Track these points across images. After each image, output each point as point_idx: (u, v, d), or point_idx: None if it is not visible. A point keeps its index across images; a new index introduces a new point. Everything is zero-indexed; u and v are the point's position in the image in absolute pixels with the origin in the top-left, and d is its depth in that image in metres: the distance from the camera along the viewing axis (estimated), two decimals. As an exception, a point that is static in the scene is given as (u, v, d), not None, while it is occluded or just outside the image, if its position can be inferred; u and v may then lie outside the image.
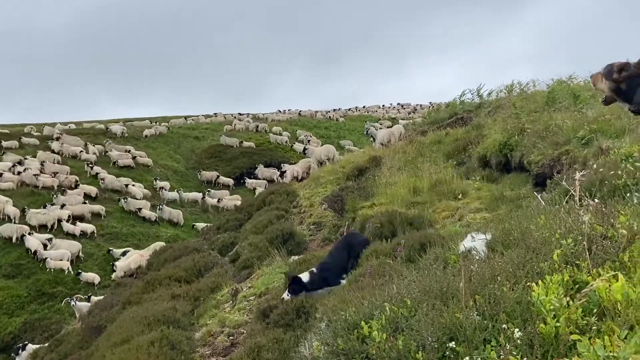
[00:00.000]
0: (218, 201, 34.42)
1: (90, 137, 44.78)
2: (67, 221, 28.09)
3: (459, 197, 9.58)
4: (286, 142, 47.59)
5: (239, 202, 28.65)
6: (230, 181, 39.71)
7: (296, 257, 9.81)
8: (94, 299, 18.61)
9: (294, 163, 27.86)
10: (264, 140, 48.45)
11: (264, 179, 37.59)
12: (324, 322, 3.32)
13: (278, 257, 10.27)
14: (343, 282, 6.98)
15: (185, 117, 57.92)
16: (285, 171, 22.87)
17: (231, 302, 9.61)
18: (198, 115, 59.97)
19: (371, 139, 18.21)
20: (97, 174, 35.51)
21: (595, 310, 2.02)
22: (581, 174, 3.30)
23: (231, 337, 8.05)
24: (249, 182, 37.84)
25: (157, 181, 36.77)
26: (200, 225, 30.26)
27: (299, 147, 45.05)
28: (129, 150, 41.13)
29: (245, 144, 46.03)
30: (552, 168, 7.93)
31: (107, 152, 40.87)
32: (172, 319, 9.01)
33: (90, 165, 37.16)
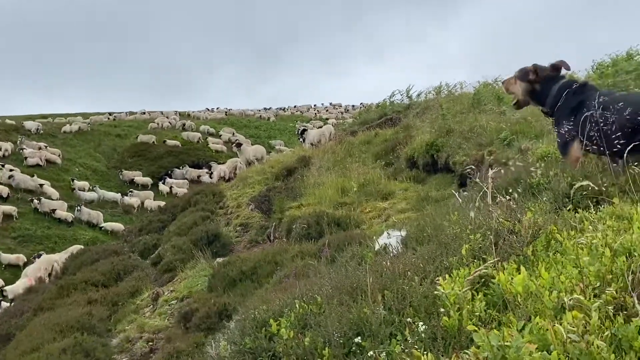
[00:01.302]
0: (142, 202, 33.21)
1: (2, 134, 41.74)
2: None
3: (387, 197, 9.73)
4: (199, 139, 46.21)
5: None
6: (149, 181, 38.03)
7: (221, 259, 9.61)
8: (4, 304, 17.39)
9: (223, 163, 27.36)
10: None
11: (191, 180, 36.64)
12: (232, 322, 3.23)
13: (202, 259, 10.03)
14: None
15: (110, 114, 55.45)
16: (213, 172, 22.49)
17: (152, 306, 9.26)
18: (121, 112, 57.57)
19: (301, 139, 18.15)
20: (11, 170, 33.16)
21: (498, 303, 2.07)
22: (493, 171, 3.41)
23: (150, 343, 7.75)
24: (168, 181, 36.63)
25: (75, 181, 34.84)
26: (110, 225, 29.08)
27: (214, 145, 44.24)
28: (44, 147, 38.72)
29: (170, 142, 44.25)
30: (476, 168, 8.21)
31: (21, 149, 38.31)
32: (87, 325, 8.59)
33: (1, 163, 34.66)
